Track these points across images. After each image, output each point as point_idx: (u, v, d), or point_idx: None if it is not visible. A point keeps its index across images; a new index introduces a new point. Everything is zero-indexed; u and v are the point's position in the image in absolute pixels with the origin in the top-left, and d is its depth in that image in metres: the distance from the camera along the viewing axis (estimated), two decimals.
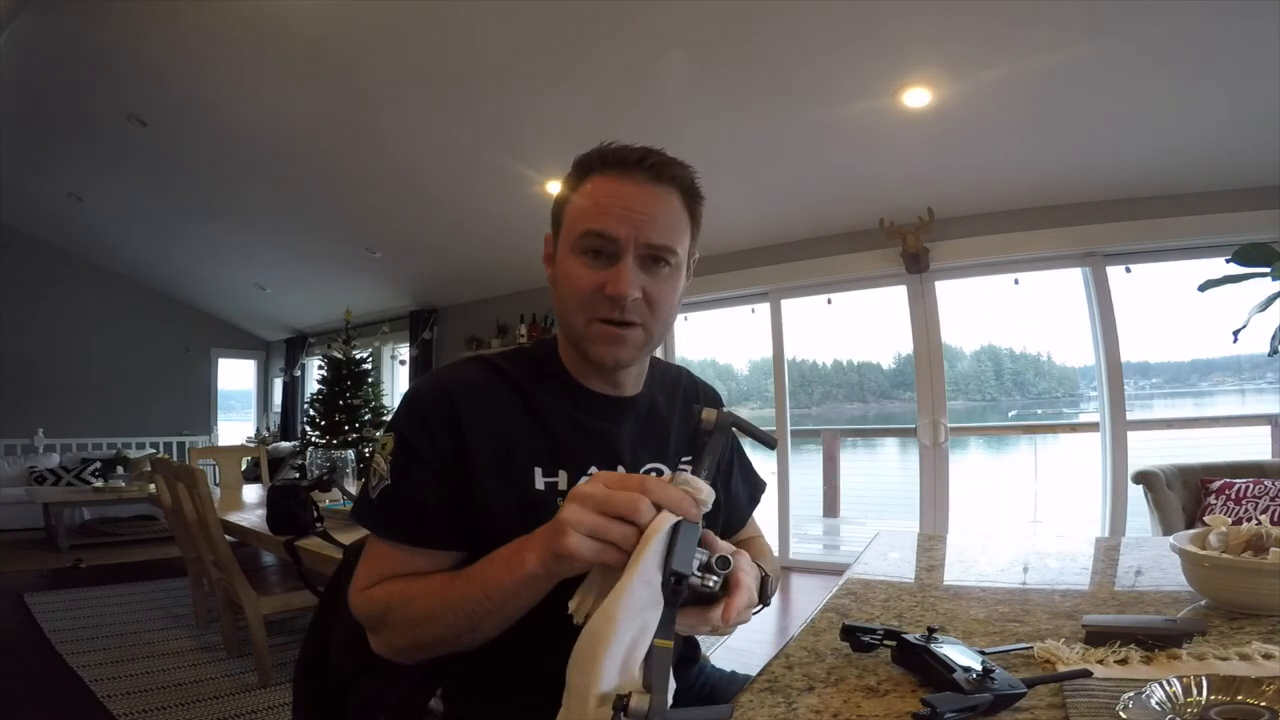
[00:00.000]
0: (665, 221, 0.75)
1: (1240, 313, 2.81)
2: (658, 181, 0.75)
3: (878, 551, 1.20)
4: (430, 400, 0.76)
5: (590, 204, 0.75)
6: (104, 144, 4.47)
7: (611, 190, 0.74)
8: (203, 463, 4.02)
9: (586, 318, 0.75)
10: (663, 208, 0.75)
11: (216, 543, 2.50)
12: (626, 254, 0.73)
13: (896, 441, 5.08)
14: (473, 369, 0.81)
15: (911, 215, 3.81)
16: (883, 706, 0.57)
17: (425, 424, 0.74)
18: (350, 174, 4.33)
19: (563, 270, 0.77)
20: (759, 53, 2.85)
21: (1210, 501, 2.73)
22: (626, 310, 0.74)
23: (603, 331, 0.75)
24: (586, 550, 0.54)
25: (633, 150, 0.76)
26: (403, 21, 2.94)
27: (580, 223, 0.75)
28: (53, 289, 6.87)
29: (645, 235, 0.73)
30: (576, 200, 0.76)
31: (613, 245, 0.73)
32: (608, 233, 0.73)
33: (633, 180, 0.75)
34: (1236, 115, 2.82)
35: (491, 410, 0.76)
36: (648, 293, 0.75)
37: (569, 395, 0.81)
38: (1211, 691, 0.52)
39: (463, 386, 0.77)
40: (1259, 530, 0.80)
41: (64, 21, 3.29)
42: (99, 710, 2.28)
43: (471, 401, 0.76)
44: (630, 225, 0.73)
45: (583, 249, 0.75)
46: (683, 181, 0.77)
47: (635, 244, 0.73)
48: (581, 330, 0.76)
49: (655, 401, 0.88)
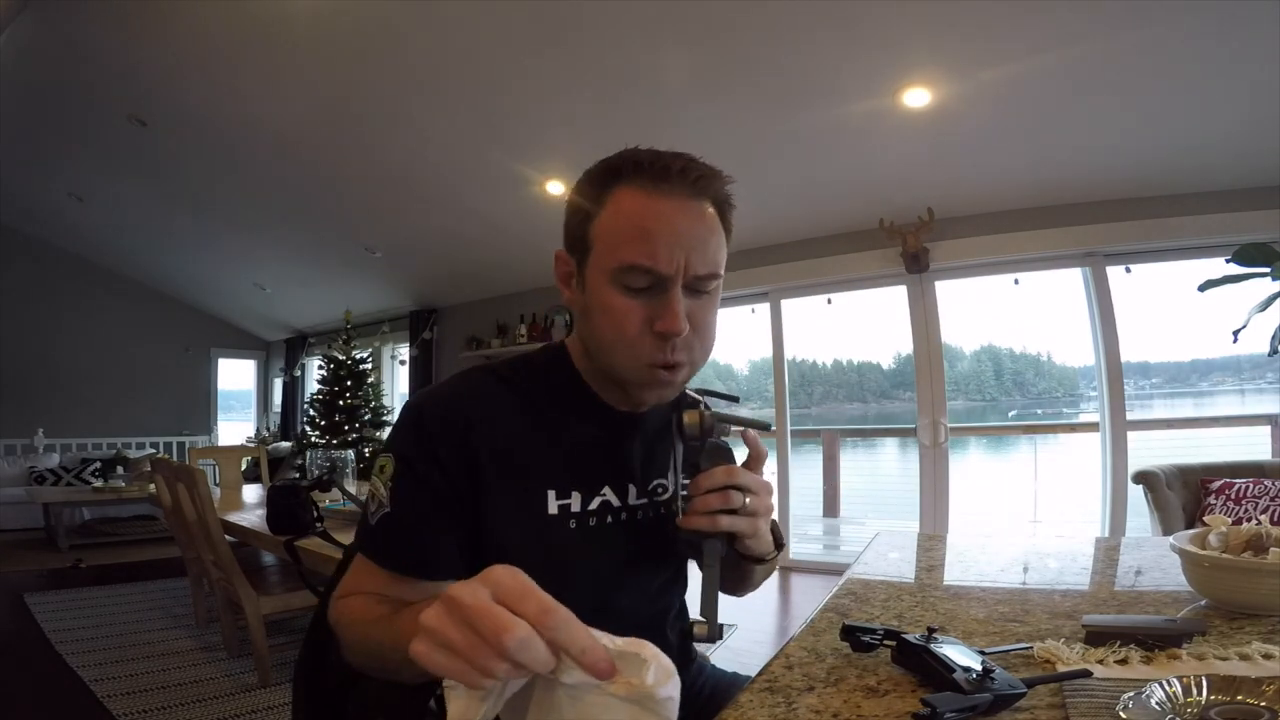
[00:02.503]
0: (714, 246, 0.68)
1: (1240, 313, 2.81)
2: (700, 197, 0.67)
3: (878, 551, 1.20)
4: (438, 419, 0.70)
5: (630, 227, 0.66)
6: (104, 144, 4.47)
7: (652, 210, 0.65)
8: (203, 463, 4.01)
9: (637, 362, 0.68)
10: (707, 229, 0.67)
11: (216, 543, 2.50)
12: (675, 285, 0.66)
13: (896, 441, 5.08)
14: (481, 382, 0.74)
15: (911, 215, 3.81)
16: (883, 706, 0.57)
17: (431, 446, 0.68)
18: (351, 174, 4.33)
19: (599, 302, 0.68)
20: (759, 53, 2.85)
21: (1210, 501, 2.73)
22: (677, 349, 0.68)
23: (655, 377, 0.69)
24: (435, 663, 0.42)
25: (672, 158, 0.67)
26: (402, 21, 2.94)
27: (621, 251, 0.66)
28: (52, 289, 6.88)
29: (695, 265, 0.66)
30: (609, 220, 0.67)
31: (658, 279, 0.66)
32: (657, 269, 0.65)
33: (674, 197, 0.66)
34: (1236, 115, 2.82)
35: (503, 428, 0.71)
36: (693, 319, 0.68)
37: (582, 410, 0.76)
38: (1211, 691, 0.52)
39: (474, 403, 0.71)
40: (1259, 530, 0.80)
41: (64, 21, 3.29)
42: (99, 710, 2.28)
43: (484, 420, 0.70)
44: (680, 254, 0.65)
45: (624, 282, 0.66)
46: (721, 195, 0.70)
47: (684, 274, 0.66)
48: (631, 375, 0.70)
49: (664, 413, 0.82)
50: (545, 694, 0.43)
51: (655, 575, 0.81)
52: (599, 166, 0.70)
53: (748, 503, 0.65)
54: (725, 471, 0.65)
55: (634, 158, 0.68)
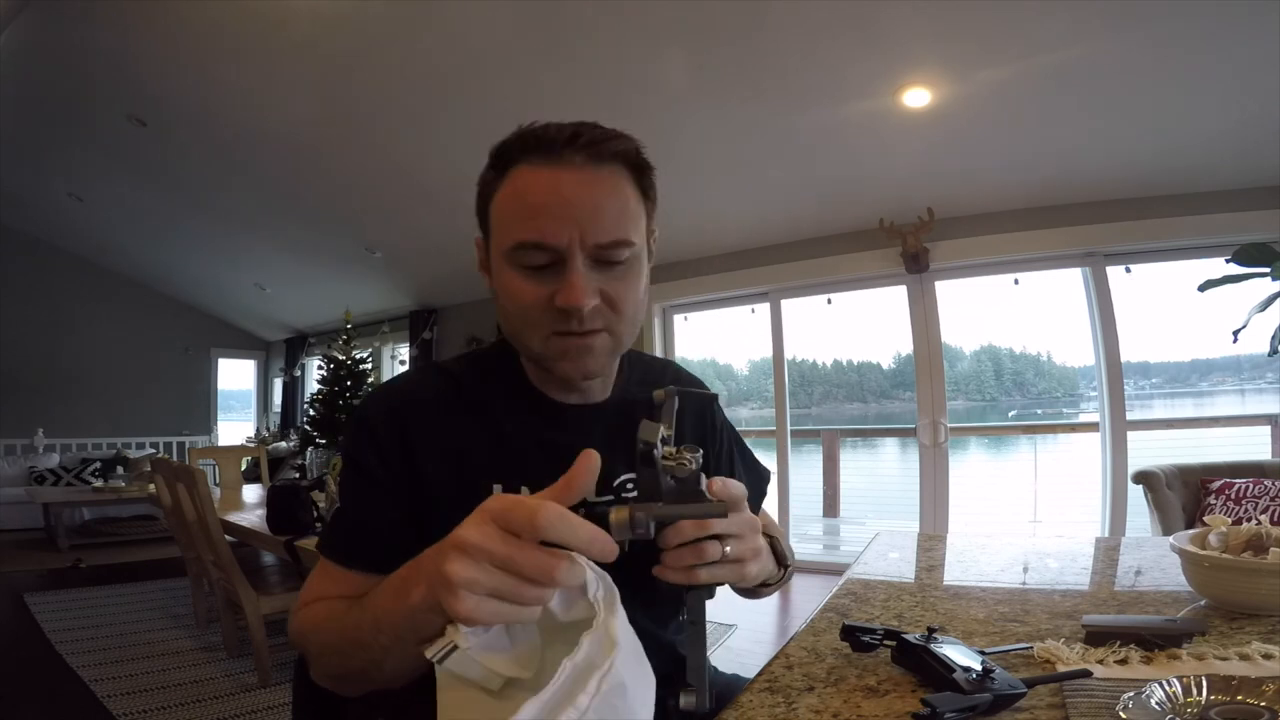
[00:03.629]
0: (613, 212, 0.64)
1: (1240, 313, 2.81)
2: (598, 163, 0.63)
3: (878, 551, 1.20)
4: (377, 417, 0.70)
5: (519, 204, 0.64)
6: (104, 144, 4.47)
7: (539, 184, 0.63)
8: (203, 463, 4.02)
9: (542, 334, 0.66)
10: (608, 195, 0.64)
11: (216, 543, 2.50)
12: (574, 259, 0.62)
13: (896, 441, 5.08)
14: (425, 379, 0.74)
15: (911, 215, 3.81)
16: (883, 706, 0.57)
17: (373, 442, 0.69)
18: (351, 174, 4.33)
19: (501, 285, 0.67)
20: (759, 53, 2.85)
21: (1210, 501, 2.73)
22: (585, 320, 0.64)
23: (563, 346, 0.66)
24: (487, 614, 0.43)
25: (561, 128, 0.64)
26: (402, 21, 2.94)
27: (510, 231, 0.64)
28: (53, 289, 6.88)
29: (592, 235, 0.62)
30: (502, 200, 0.65)
31: (555, 254, 0.63)
32: (546, 242, 0.62)
33: (567, 167, 0.63)
34: (1236, 115, 2.82)
35: (445, 425, 0.70)
36: (606, 295, 0.65)
37: (530, 406, 0.74)
38: (1211, 691, 0.52)
39: (412, 400, 0.71)
40: (1259, 530, 0.80)
41: (64, 21, 3.29)
42: (99, 710, 2.28)
43: (422, 417, 0.70)
44: (572, 225, 0.62)
45: (519, 262, 0.64)
46: (628, 156, 0.66)
47: (582, 246, 0.62)
48: (539, 349, 0.67)
49: (633, 404, 0.78)
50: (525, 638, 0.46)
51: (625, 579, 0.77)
52: (494, 147, 0.67)
53: (728, 551, 0.57)
54: (694, 524, 0.55)
55: (522, 133, 0.65)
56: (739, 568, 0.59)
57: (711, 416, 0.89)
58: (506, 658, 0.45)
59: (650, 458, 0.52)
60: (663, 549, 0.55)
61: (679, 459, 0.53)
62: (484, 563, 0.43)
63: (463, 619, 0.43)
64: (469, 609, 0.42)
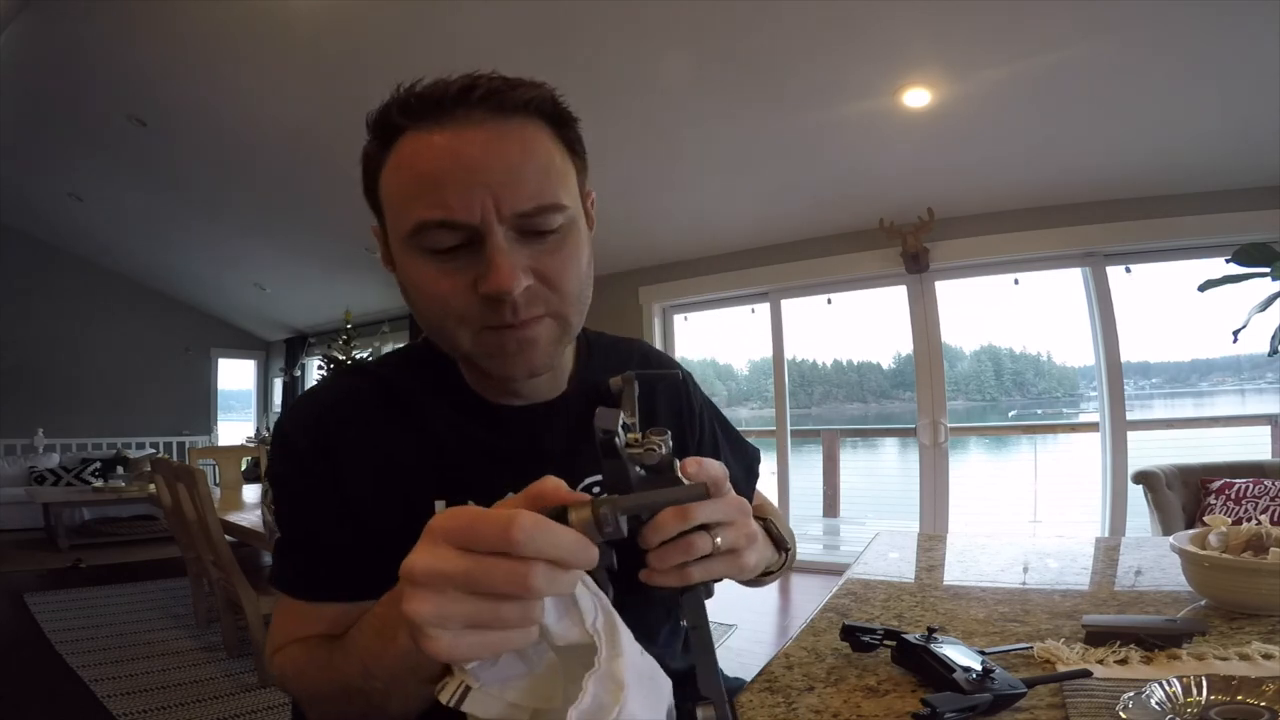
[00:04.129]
0: (533, 172, 0.52)
1: (1240, 313, 2.81)
2: (503, 115, 0.52)
3: (878, 551, 1.20)
4: (296, 431, 0.62)
5: (411, 179, 0.52)
6: (104, 144, 4.47)
7: (436, 150, 0.51)
8: (202, 463, 4.01)
9: (470, 330, 0.55)
10: (522, 153, 0.52)
11: (216, 543, 2.50)
12: (492, 234, 0.51)
13: (896, 441, 5.08)
14: (348, 383, 0.65)
15: (911, 215, 3.81)
16: (883, 706, 0.57)
17: (297, 460, 0.61)
18: (351, 174, 4.19)
19: (408, 277, 0.56)
20: (759, 53, 2.85)
21: (1210, 501, 2.73)
22: (520, 308, 0.53)
23: (499, 341, 0.55)
24: (470, 650, 0.36)
25: (449, 82, 0.52)
26: (402, 21, 2.94)
27: (408, 210, 0.52)
28: (53, 289, 6.88)
29: (510, 203, 0.51)
30: (391, 176, 0.54)
31: (467, 231, 0.51)
32: (453, 219, 0.51)
33: (466, 125, 0.51)
34: (1236, 115, 2.82)
35: (373, 433, 0.61)
36: (540, 272, 0.54)
37: (467, 410, 0.64)
38: (1211, 691, 0.52)
39: (331, 408, 0.62)
40: (1259, 530, 0.80)
41: (64, 21, 3.29)
42: (99, 710, 2.28)
43: (345, 422, 0.61)
44: (482, 193, 0.50)
45: (424, 246, 0.53)
46: (541, 104, 0.55)
47: (500, 217, 0.51)
48: (470, 347, 0.56)
49: (597, 394, 0.66)
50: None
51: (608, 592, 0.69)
52: (370, 114, 0.56)
53: (719, 542, 0.48)
54: (675, 515, 0.47)
55: (399, 99, 0.54)
56: (735, 559, 0.50)
57: (688, 397, 0.79)
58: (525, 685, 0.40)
59: (612, 447, 0.44)
60: (645, 550, 0.47)
61: (646, 444, 0.46)
62: (447, 590, 0.35)
63: (446, 661, 0.37)
64: (447, 649, 0.35)
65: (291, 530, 0.62)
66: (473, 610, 0.35)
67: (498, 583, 0.35)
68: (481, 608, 0.35)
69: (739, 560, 0.51)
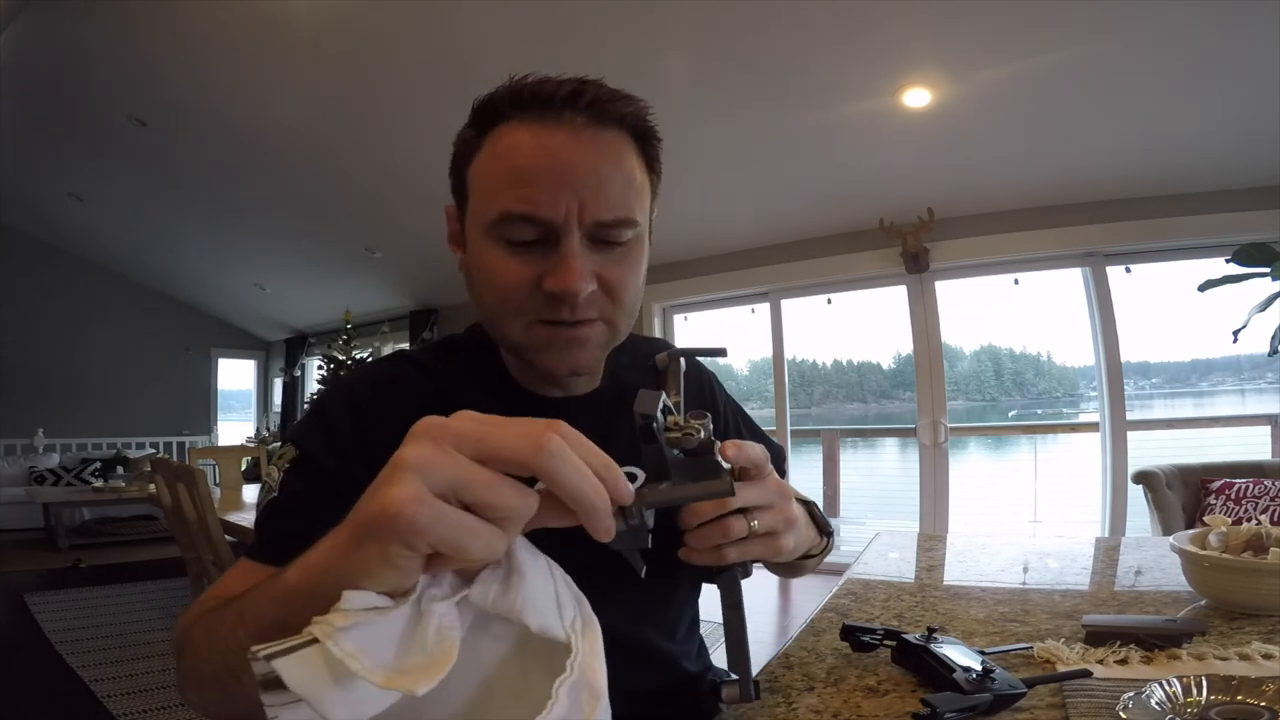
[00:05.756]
0: (618, 184, 0.55)
1: (1240, 313, 2.81)
2: (600, 125, 0.55)
3: (878, 551, 1.20)
4: (336, 407, 0.62)
5: (507, 168, 0.54)
6: (104, 144, 4.47)
7: (532, 145, 0.53)
8: (202, 463, 4.01)
9: (524, 321, 0.57)
10: (612, 165, 0.55)
11: (216, 543, 2.50)
12: (569, 235, 0.53)
13: (896, 441, 5.08)
14: (391, 368, 0.66)
15: (911, 215, 3.81)
16: (883, 706, 0.57)
17: (331, 438, 0.60)
18: (350, 174, 4.33)
19: (477, 261, 0.58)
20: (759, 53, 2.85)
21: (1210, 501, 2.73)
22: (578, 309, 0.55)
23: (552, 336, 0.57)
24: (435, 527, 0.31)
25: (560, 83, 0.55)
26: (402, 21, 2.94)
27: (495, 199, 0.54)
28: (53, 289, 6.88)
29: (593, 210, 0.53)
30: (485, 162, 0.56)
31: (547, 228, 0.54)
32: (538, 215, 0.53)
33: (566, 128, 0.54)
34: (1236, 115, 2.82)
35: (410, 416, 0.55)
36: (604, 280, 0.56)
37: (507, 400, 0.65)
38: (1211, 691, 0.52)
39: (372, 391, 0.62)
40: (1259, 530, 0.80)
41: (64, 21, 3.29)
42: (99, 710, 2.28)
43: (386, 408, 0.60)
44: (570, 197, 0.53)
45: (503, 236, 0.55)
46: (634, 121, 0.58)
47: (580, 222, 0.53)
48: (520, 338, 0.58)
49: (625, 387, 0.68)
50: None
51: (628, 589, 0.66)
52: (476, 101, 0.58)
53: (755, 525, 0.50)
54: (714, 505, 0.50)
55: (512, 88, 0.55)
56: (772, 541, 0.52)
57: (711, 394, 0.81)
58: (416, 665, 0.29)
59: (650, 432, 0.44)
60: (683, 530, 0.50)
61: (685, 428, 0.46)
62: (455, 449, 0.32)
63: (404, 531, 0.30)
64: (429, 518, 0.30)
65: (290, 496, 0.58)
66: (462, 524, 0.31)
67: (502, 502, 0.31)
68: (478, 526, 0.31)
69: (776, 543, 0.53)
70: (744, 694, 0.51)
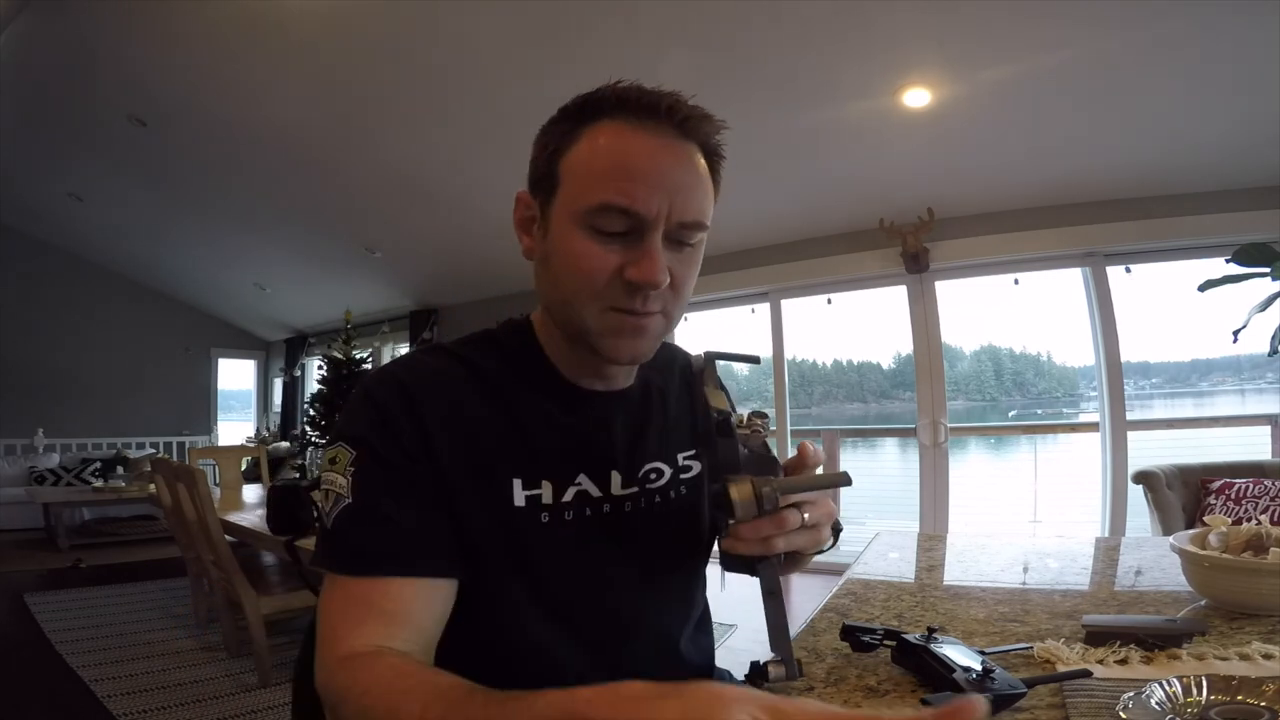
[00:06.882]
0: (700, 191, 0.61)
1: (1240, 313, 2.81)
2: (685, 138, 0.61)
3: (878, 551, 1.20)
4: (386, 396, 0.62)
5: (609, 164, 0.59)
6: (104, 144, 4.47)
7: (634, 147, 0.59)
8: (203, 463, 4.02)
9: (600, 306, 0.60)
10: (695, 175, 0.61)
11: (216, 543, 2.50)
12: (655, 231, 0.59)
13: (896, 441, 5.08)
14: (431, 360, 0.67)
15: (911, 215, 3.81)
16: (882, 706, 0.57)
17: (386, 422, 0.60)
18: (351, 174, 4.33)
19: (564, 247, 0.61)
20: (759, 53, 2.85)
21: (1210, 501, 2.73)
22: (649, 300, 0.60)
23: (621, 323, 0.61)
24: None
25: (660, 95, 0.60)
26: (402, 22, 2.94)
27: (596, 189, 0.58)
28: (53, 289, 6.88)
29: (679, 211, 0.59)
30: (584, 155, 0.60)
31: (638, 222, 0.58)
32: (636, 209, 0.57)
33: (659, 136, 0.59)
34: (1236, 115, 2.82)
35: (458, 407, 0.63)
36: (673, 275, 0.61)
37: (550, 392, 0.68)
38: (1211, 691, 0.52)
39: (421, 377, 0.63)
40: (1259, 530, 0.80)
41: (64, 21, 3.29)
42: (99, 710, 2.28)
43: (434, 394, 0.62)
44: (664, 197, 0.58)
45: (595, 225, 0.59)
46: (710, 142, 0.64)
47: (667, 220, 0.59)
48: (594, 322, 0.61)
49: (650, 388, 0.74)
50: None
51: (654, 576, 0.71)
52: (576, 99, 0.63)
53: (806, 518, 0.55)
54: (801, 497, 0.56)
55: (616, 91, 0.61)
56: (815, 533, 0.57)
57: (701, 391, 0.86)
58: None
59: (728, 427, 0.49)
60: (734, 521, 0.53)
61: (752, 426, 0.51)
62: None
63: None
64: None
65: (366, 496, 0.58)
66: None
67: None
68: None
69: (818, 534, 0.58)
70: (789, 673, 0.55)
